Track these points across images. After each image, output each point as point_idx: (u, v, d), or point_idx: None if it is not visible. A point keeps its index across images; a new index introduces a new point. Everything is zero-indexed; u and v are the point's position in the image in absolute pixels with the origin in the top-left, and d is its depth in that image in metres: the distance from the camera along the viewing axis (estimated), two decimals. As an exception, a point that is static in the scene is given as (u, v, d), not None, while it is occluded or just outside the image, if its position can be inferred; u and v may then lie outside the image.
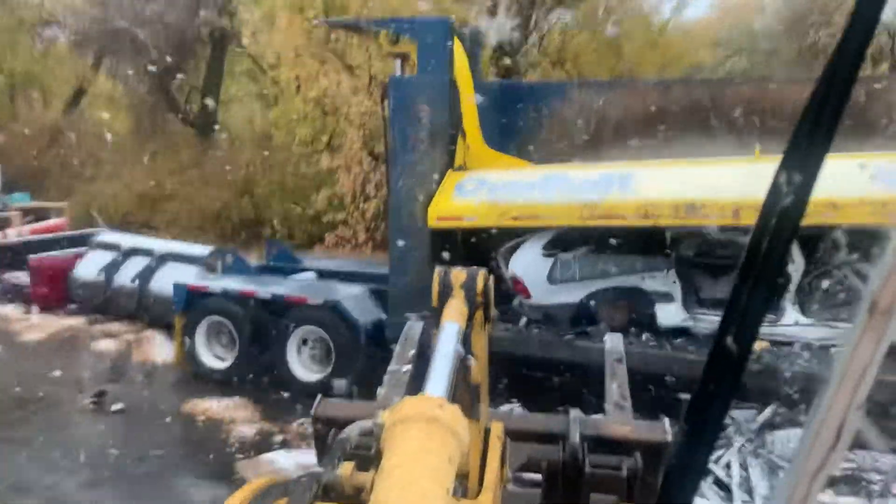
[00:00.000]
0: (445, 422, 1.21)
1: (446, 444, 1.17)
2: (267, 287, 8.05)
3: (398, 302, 7.31)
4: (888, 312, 0.64)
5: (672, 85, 8.17)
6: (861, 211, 5.65)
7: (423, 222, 7.12)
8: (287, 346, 7.77)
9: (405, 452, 1.14)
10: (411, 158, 7.16)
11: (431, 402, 1.27)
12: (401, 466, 1.10)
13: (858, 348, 0.66)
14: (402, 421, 1.21)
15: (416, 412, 1.22)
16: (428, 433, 1.18)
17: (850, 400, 0.67)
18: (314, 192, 14.26)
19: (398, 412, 1.23)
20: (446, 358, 1.73)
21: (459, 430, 1.22)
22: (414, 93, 7.12)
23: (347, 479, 1.56)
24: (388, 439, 1.20)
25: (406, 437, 1.17)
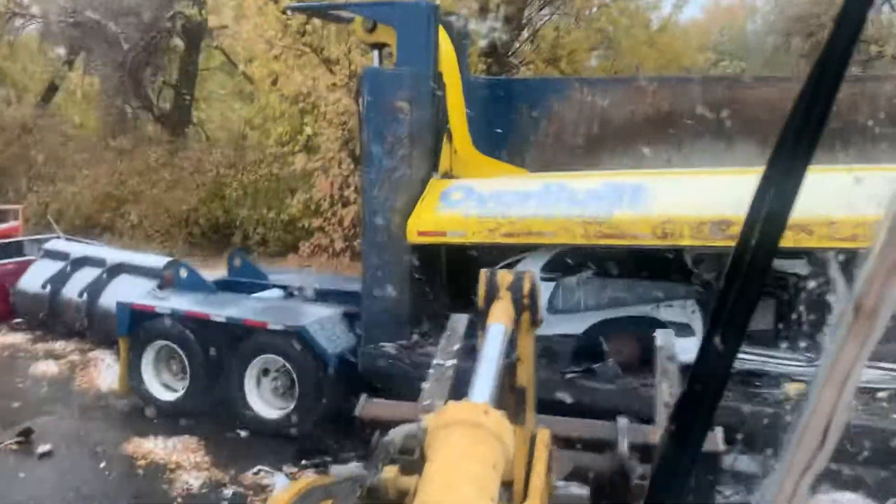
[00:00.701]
0: (490, 428, 1.19)
1: (491, 450, 1.17)
2: (222, 308, 7.03)
3: (372, 328, 6.35)
4: (873, 314, 0.64)
5: (685, 83, 7.24)
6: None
7: (401, 237, 6.15)
8: (245, 378, 6.77)
9: (449, 458, 1.14)
10: (389, 163, 6.18)
11: (476, 407, 1.26)
12: (444, 473, 1.11)
13: (843, 350, 0.66)
14: (446, 426, 1.20)
15: (460, 417, 1.21)
16: (472, 439, 1.17)
17: (835, 401, 0.67)
18: (289, 195, 13.24)
19: (442, 417, 1.23)
20: (492, 361, 1.70)
21: (504, 437, 1.21)
22: (392, 87, 6.14)
23: (391, 483, 1.59)
24: (432, 444, 1.19)
25: (450, 443, 1.17)
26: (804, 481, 0.72)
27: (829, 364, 0.68)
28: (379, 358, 6.20)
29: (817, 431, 0.69)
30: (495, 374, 1.66)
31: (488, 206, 6.04)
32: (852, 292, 0.66)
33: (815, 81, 0.66)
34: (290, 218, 13.08)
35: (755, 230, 0.71)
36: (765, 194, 0.70)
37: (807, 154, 0.68)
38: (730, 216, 5.25)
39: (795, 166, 0.68)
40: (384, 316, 6.28)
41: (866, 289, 0.64)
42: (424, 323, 6.56)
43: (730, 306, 0.75)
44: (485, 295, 2.17)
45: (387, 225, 6.20)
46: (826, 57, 0.66)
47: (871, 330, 0.65)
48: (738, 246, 0.72)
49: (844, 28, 0.65)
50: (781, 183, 0.69)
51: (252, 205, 13.68)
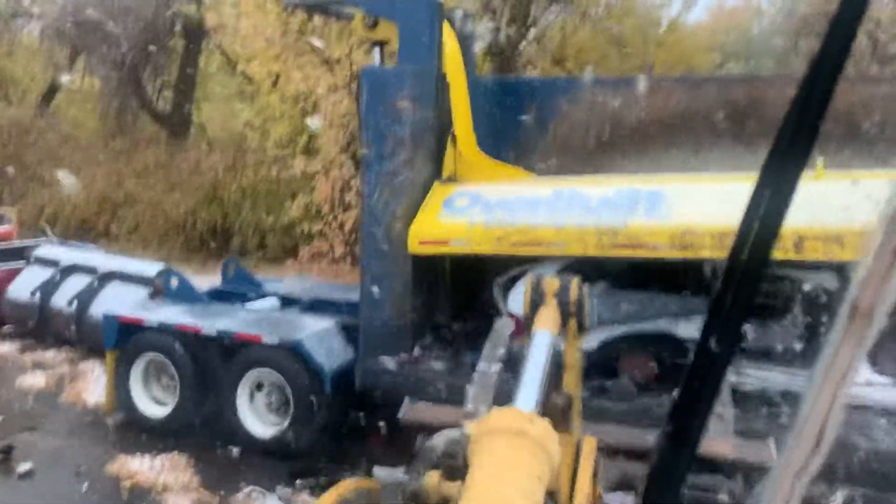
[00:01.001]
0: (535, 437, 1.18)
1: (535, 459, 1.15)
2: (214, 320, 6.67)
3: (371, 342, 5.98)
4: (868, 315, 0.64)
5: (702, 82, 6.87)
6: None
7: (402, 246, 5.79)
8: (237, 393, 6.41)
9: (492, 467, 1.12)
10: (389, 167, 5.82)
11: (520, 415, 1.23)
12: (488, 481, 1.09)
13: (840, 351, 0.66)
14: (490, 433, 1.18)
15: (504, 425, 1.19)
16: (516, 448, 1.15)
17: (831, 402, 0.67)
18: (289, 198, 12.88)
19: (486, 424, 1.21)
20: (538, 367, 1.69)
21: (549, 446, 1.19)
22: (393, 87, 5.77)
23: (434, 489, 1.59)
24: (475, 451, 1.18)
25: (493, 451, 1.15)
26: (800, 483, 0.71)
27: (824, 365, 0.68)
28: (378, 374, 5.84)
29: (813, 433, 0.69)
30: (541, 382, 1.63)
31: (495, 214, 5.68)
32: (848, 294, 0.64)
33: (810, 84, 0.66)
34: (289, 222, 12.72)
35: (751, 231, 0.70)
36: (761, 196, 0.69)
37: (803, 156, 0.67)
38: (755, 225, 4.88)
39: (791, 168, 0.67)
40: (384, 329, 5.91)
41: (862, 290, 0.63)
42: (427, 336, 6.20)
43: (726, 307, 0.74)
44: (530, 301, 2.13)
45: (387, 233, 5.84)
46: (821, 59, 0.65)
47: (866, 331, 0.64)
48: (734, 247, 0.71)
49: (839, 29, 0.64)
50: (777, 185, 0.68)
51: (251, 208, 13.33)
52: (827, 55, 0.66)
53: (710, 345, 0.77)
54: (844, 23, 0.66)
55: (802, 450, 0.70)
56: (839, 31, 0.66)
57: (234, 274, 8.23)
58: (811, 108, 0.68)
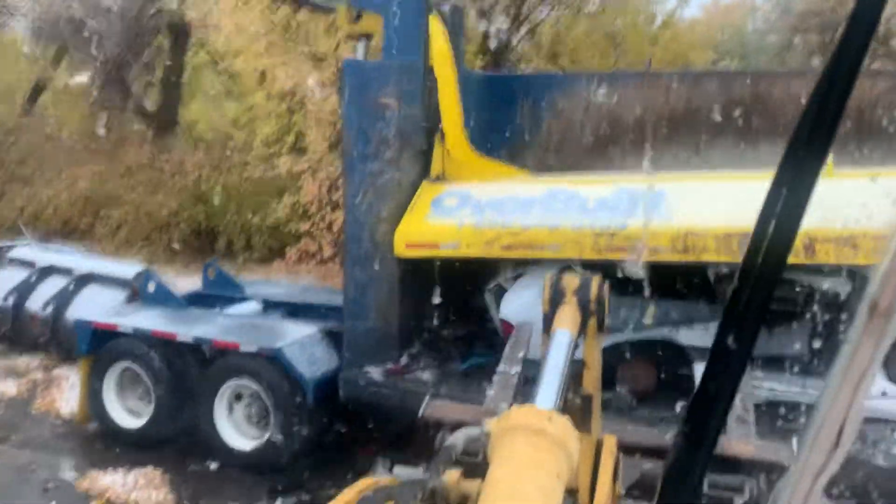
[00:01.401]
0: (554, 435, 1.17)
1: (555, 458, 1.15)
2: (191, 326, 6.34)
3: (356, 351, 5.68)
4: (888, 314, 0.63)
5: (703, 77, 6.58)
6: None
7: (388, 249, 5.48)
8: (215, 404, 6.08)
9: (511, 465, 1.12)
10: (374, 166, 5.51)
11: (540, 413, 1.23)
12: (506, 480, 1.09)
13: (859, 349, 0.65)
14: (510, 431, 1.18)
15: (523, 423, 1.19)
16: (536, 446, 1.15)
17: (850, 400, 0.66)
18: (276, 198, 12.53)
19: (505, 422, 1.21)
20: (557, 367, 1.69)
21: (569, 444, 1.19)
22: (378, 82, 5.46)
23: (453, 487, 1.55)
24: (495, 449, 1.18)
25: (513, 449, 1.15)
26: (819, 482, 0.70)
27: (843, 364, 0.66)
28: (363, 384, 5.53)
29: (832, 432, 0.68)
30: (561, 380, 1.64)
31: (486, 215, 5.38)
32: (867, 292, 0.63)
33: (828, 80, 0.65)
34: (276, 222, 12.37)
35: (768, 230, 0.70)
36: (778, 194, 0.69)
37: (821, 154, 0.66)
38: (762, 227, 4.59)
39: (809, 166, 0.67)
40: (369, 337, 5.61)
41: (881, 288, 0.63)
42: (415, 344, 5.90)
43: (743, 305, 0.73)
44: (550, 299, 2.11)
45: (372, 235, 5.54)
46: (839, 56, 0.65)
47: (885, 330, 0.63)
48: (750, 246, 0.71)
49: (858, 25, 0.64)
50: (794, 183, 0.67)
51: (237, 208, 12.97)
52: (845, 52, 0.65)
53: (726, 345, 0.75)
54: (862, 19, 0.64)
55: (821, 449, 0.70)
56: (857, 28, 0.65)
57: (215, 277, 7.89)
58: (829, 106, 0.66)
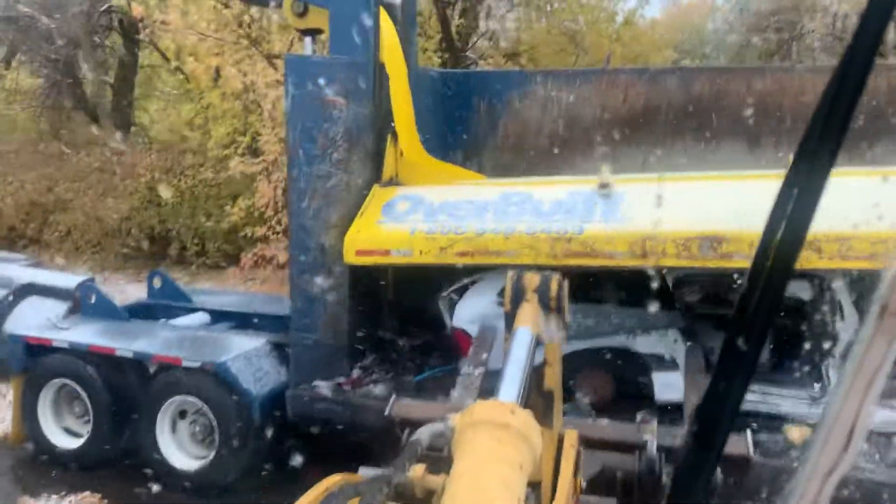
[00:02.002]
0: (517, 428, 1.19)
1: (518, 451, 1.16)
2: (131, 341, 5.99)
3: (304, 365, 5.39)
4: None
5: (662, 75, 6.41)
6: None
7: (337, 256, 5.21)
8: (157, 423, 5.75)
9: (476, 458, 1.14)
10: (321, 169, 5.23)
11: (503, 407, 1.26)
12: (471, 473, 1.11)
13: (870, 350, 0.65)
14: (473, 426, 1.20)
15: (487, 417, 1.21)
16: (499, 439, 1.17)
17: (861, 401, 0.66)
18: (231, 202, 12.16)
19: (469, 416, 1.23)
20: (519, 363, 1.72)
21: (532, 437, 1.21)
22: (324, 79, 5.17)
23: (419, 482, 1.60)
24: (459, 444, 1.19)
25: (477, 443, 1.17)
26: (829, 483, 0.70)
27: (854, 365, 0.66)
28: (312, 400, 5.24)
29: (842, 433, 0.67)
30: (523, 376, 1.66)
31: (439, 220, 5.13)
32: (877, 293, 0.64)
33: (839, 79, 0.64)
34: (230, 226, 12.00)
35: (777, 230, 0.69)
36: (789, 194, 0.69)
37: (831, 154, 0.66)
38: (723, 231, 4.41)
39: (820, 165, 0.66)
40: (318, 350, 5.32)
41: (892, 289, 0.62)
42: (367, 356, 5.63)
43: (752, 306, 0.73)
44: (511, 297, 2.15)
45: (319, 242, 5.25)
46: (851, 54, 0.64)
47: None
48: (761, 245, 0.71)
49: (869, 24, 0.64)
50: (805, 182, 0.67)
51: (190, 213, 12.56)
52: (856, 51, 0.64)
53: (736, 345, 0.74)
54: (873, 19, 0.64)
55: (832, 450, 0.68)
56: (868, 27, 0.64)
57: (162, 286, 7.52)
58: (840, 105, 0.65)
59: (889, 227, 4.00)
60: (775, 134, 5.84)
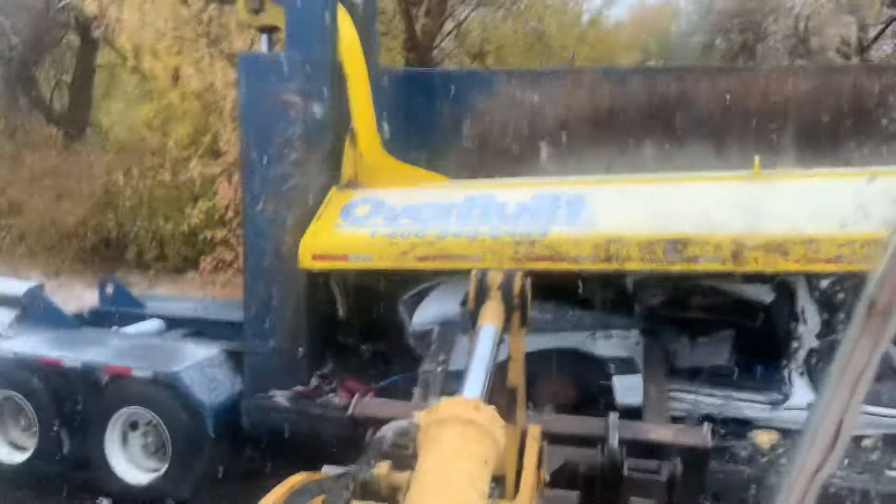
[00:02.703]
0: (482, 424, 1.21)
1: (482, 446, 1.18)
2: (80, 350, 5.74)
3: (259, 375, 5.20)
4: (886, 314, 0.63)
5: (629, 75, 6.33)
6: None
7: (293, 262, 5.02)
8: (106, 435, 5.51)
9: (441, 454, 1.15)
10: (276, 171, 5.05)
11: (468, 403, 1.27)
12: (436, 468, 1.12)
13: (856, 349, 0.65)
14: (438, 422, 1.22)
15: (452, 414, 1.23)
16: (464, 435, 1.18)
17: (848, 400, 0.66)
18: (191, 204, 11.84)
19: (434, 413, 1.25)
20: (483, 360, 1.73)
21: (496, 432, 1.23)
22: (279, 77, 5.00)
23: (384, 479, 1.61)
24: (424, 440, 1.21)
25: (442, 439, 1.18)
26: (816, 482, 0.70)
27: (841, 364, 0.66)
28: (268, 411, 5.05)
29: (829, 432, 0.68)
30: (486, 373, 1.66)
31: (400, 223, 4.98)
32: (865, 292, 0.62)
33: None
34: (191, 229, 11.69)
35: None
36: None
37: None
38: (689, 234, 4.33)
39: None
40: (274, 358, 5.14)
41: (879, 289, 0.62)
42: (326, 364, 5.46)
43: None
44: (475, 295, 2.14)
45: (275, 247, 5.07)
46: None
47: (883, 329, 0.63)
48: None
49: None
50: None
51: (149, 215, 12.23)
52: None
53: None
54: None
55: (819, 448, 0.69)
56: None
57: (114, 292, 7.25)
58: None
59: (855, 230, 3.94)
60: (741, 134, 5.78)
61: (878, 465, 4.20)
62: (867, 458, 4.27)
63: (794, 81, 5.76)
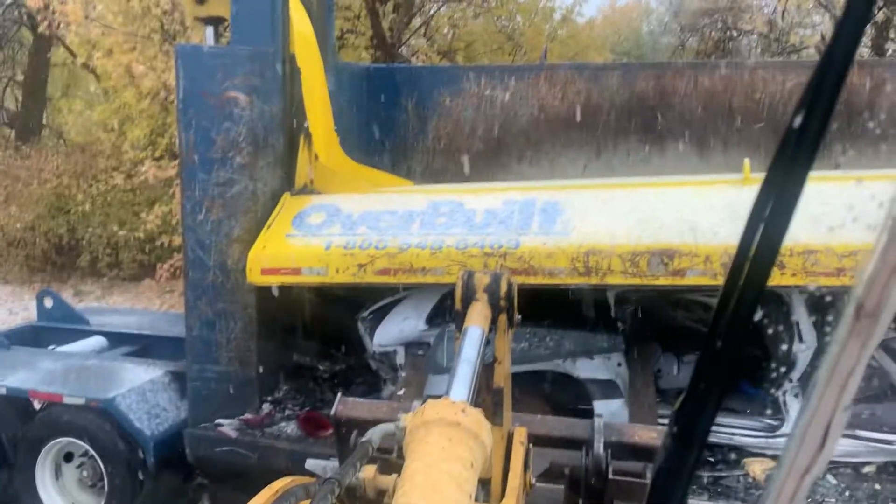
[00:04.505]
0: (468, 426, 1.20)
1: (468, 448, 1.18)
2: (6, 374, 5.20)
3: (203, 402, 4.71)
4: (874, 315, 0.63)
5: (604, 71, 5.93)
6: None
7: (240, 276, 4.54)
8: (37, 467, 4.99)
9: (427, 457, 1.14)
10: (220, 175, 4.56)
11: (454, 406, 1.26)
12: (422, 471, 1.11)
13: (844, 351, 0.65)
14: (424, 425, 1.21)
15: (438, 416, 1.22)
16: (450, 438, 1.18)
17: (836, 402, 0.67)
18: (146, 208, 11.27)
19: (420, 416, 1.24)
20: (469, 363, 1.73)
21: (482, 435, 1.22)
22: (223, 72, 4.51)
23: (370, 482, 1.65)
24: (410, 443, 1.20)
25: (428, 442, 1.18)
26: (803, 485, 0.71)
27: (829, 366, 0.66)
28: (214, 441, 4.56)
29: (817, 434, 0.68)
30: (473, 375, 1.66)
31: (358, 233, 4.52)
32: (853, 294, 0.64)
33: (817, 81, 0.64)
34: (147, 235, 11.11)
35: (756, 233, 0.70)
36: (767, 198, 0.69)
37: (809, 157, 0.66)
38: (675, 244, 3.93)
39: (797, 169, 0.67)
40: (221, 383, 4.65)
41: (868, 290, 0.63)
42: (280, 387, 4.98)
43: (731, 309, 0.73)
44: (462, 297, 2.13)
45: (220, 260, 4.58)
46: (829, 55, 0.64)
47: (872, 331, 0.64)
48: (739, 248, 0.71)
49: (848, 26, 0.64)
50: (783, 186, 0.68)
51: (102, 220, 11.61)
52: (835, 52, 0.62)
53: (715, 345, 0.74)
54: (853, 18, 0.62)
55: (807, 450, 0.68)
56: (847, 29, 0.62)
57: (53, 306, 6.69)
58: (818, 107, 0.63)
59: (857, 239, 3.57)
60: (724, 134, 5.42)
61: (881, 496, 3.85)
62: (871, 488, 3.91)
63: (780, 78, 5.41)
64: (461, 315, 2.10)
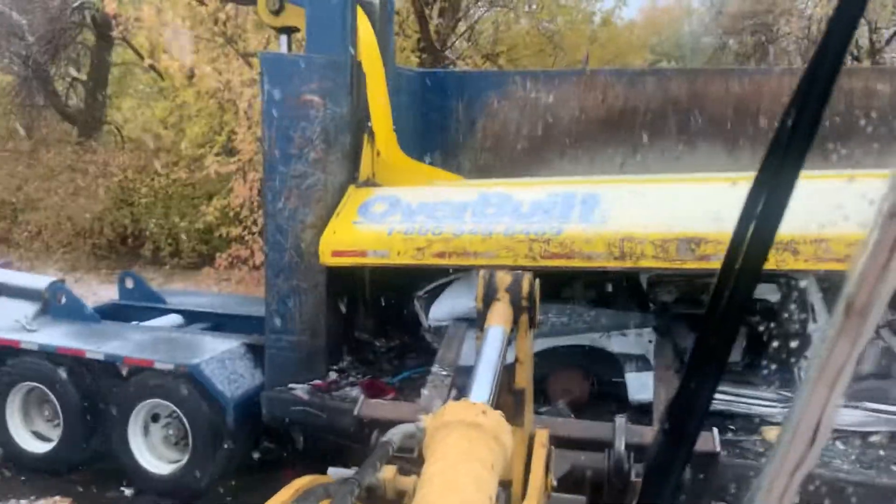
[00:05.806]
0: (488, 428, 1.20)
1: (489, 450, 1.16)
2: (102, 343, 5.88)
3: (278, 368, 5.31)
4: (863, 313, 0.63)
5: (641, 76, 6.42)
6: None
7: (313, 258, 5.14)
8: (129, 426, 5.65)
9: (447, 459, 1.14)
10: (297, 169, 5.16)
11: (474, 407, 1.25)
12: (442, 473, 1.10)
13: (835, 348, 0.66)
14: (445, 426, 1.21)
15: (458, 418, 1.21)
16: (470, 439, 1.17)
17: (826, 399, 0.68)
18: (205, 201, 11.99)
19: (440, 417, 1.24)
20: (490, 362, 1.72)
21: (503, 437, 1.21)
22: (300, 77, 5.11)
23: (390, 483, 1.67)
24: (431, 444, 1.20)
25: (448, 443, 1.17)
26: (794, 480, 0.72)
27: (820, 362, 0.67)
28: (287, 404, 5.17)
29: (808, 430, 0.69)
30: (494, 375, 1.64)
31: (416, 221, 5.08)
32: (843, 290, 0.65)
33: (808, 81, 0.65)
34: (205, 226, 11.84)
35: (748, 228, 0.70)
36: (759, 194, 0.70)
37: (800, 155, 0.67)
38: (701, 233, 4.42)
39: (789, 166, 0.68)
40: (293, 352, 5.25)
41: (857, 287, 0.63)
42: (343, 358, 5.57)
43: (723, 305, 0.73)
44: (483, 296, 2.13)
45: (295, 243, 5.18)
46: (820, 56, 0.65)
47: (862, 328, 0.65)
48: (731, 244, 0.72)
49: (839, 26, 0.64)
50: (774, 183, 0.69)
51: (164, 212, 12.38)
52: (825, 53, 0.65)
53: (707, 343, 0.76)
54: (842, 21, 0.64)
55: (798, 446, 0.69)
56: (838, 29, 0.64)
57: (134, 287, 7.39)
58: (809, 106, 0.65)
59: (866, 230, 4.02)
60: (753, 135, 5.86)
61: (885, 460, 4.29)
62: (875, 453, 4.35)
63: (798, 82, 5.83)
64: (482, 314, 2.11)
